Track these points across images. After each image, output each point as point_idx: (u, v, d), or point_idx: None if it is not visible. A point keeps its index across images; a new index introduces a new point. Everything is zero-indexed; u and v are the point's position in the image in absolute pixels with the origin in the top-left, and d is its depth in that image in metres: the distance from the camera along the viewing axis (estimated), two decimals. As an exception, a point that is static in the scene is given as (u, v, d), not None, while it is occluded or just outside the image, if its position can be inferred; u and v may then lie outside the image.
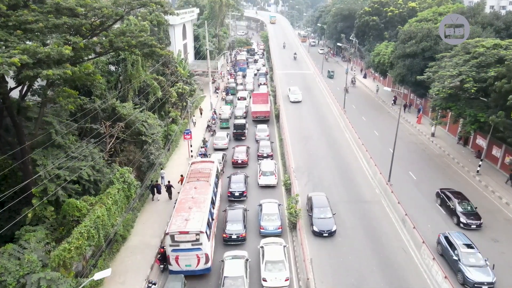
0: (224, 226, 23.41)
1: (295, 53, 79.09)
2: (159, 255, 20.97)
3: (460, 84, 29.33)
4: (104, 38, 21.54)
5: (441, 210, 26.41)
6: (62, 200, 19.97)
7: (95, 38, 18.62)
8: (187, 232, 19.36)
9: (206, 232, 19.75)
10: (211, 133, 42.11)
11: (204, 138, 39.26)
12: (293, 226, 23.91)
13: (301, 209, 23.83)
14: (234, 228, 23.11)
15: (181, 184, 28.91)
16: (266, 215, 23.95)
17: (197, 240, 19.45)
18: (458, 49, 33.17)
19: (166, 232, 19.60)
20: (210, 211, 21.99)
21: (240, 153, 34.30)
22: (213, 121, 44.70)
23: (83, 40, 17.32)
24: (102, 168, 22.91)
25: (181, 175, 29.19)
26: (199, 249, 19.53)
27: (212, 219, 22.49)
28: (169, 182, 28.61)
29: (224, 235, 22.99)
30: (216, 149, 36.94)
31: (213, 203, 23.42)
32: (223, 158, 33.39)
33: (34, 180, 19.09)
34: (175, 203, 22.96)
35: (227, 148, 37.50)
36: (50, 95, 19.65)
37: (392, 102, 52.47)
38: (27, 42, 15.78)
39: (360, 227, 24.03)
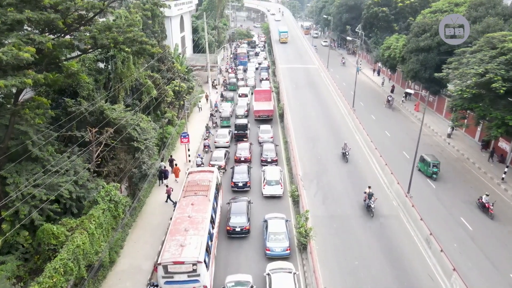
0: (227, 218, 23.12)
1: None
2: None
3: (482, 83, 26.46)
4: (86, 34, 18.67)
5: (467, 226, 23.70)
6: (39, 223, 17.26)
7: (67, 37, 15.63)
8: (182, 262, 16.68)
9: (204, 261, 17.05)
10: (213, 125, 41.43)
11: (207, 124, 39.68)
12: (303, 248, 21.21)
13: (312, 228, 21.06)
14: (238, 220, 22.78)
15: (175, 175, 29.40)
16: (272, 234, 21.25)
17: (194, 271, 16.78)
18: (482, 44, 30.11)
19: (158, 262, 16.90)
20: (209, 232, 19.28)
21: (243, 150, 32.79)
22: (215, 109, 44.38)
23: (54, 38, 14.33)
24: (87, 183, 20.10)
25: (176, 164, 30.32)
26: (197, 281, 16.86)
27: (212, 241, 19.79)
28: (171, 156, 31.27)
29: (228, 228, 22.68)
30: (218, 147, 35.13)
31: (212, 222, 20.69)
32: (225, 155, 31.93)
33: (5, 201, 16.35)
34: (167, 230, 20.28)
35: (229, 146, 35.66)
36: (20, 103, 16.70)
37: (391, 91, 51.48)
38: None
39: (378, 248, 21.32)
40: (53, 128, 21.42)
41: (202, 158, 31.46)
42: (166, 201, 26.55)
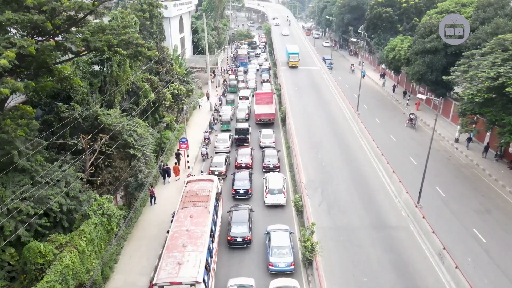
0: (228, 228, 22.10)
1: None
2: None
3: (495, 87, 25.31)
4: (78, 36, 17.49)
5: (482, 239, 22.48)
6: (27, 239, 16.08)
7: (57, 39, 14.44)
8: (179, 283, 15.49)
9: (204, 281, 15.86)
10: (215, 121, 41.96)
11: (210, 120, 41.04)
12: (309, 263, 20.00)
13: (319, 242, 19.85)
14: (239, 230, 21.76)
15: (176, 174, 29.35)
16: (275, 248, 20.01)
17: (193, 291, 15.61)
18: (492, 46, 28.92)
19: (154, 282, 15.71)
20: (209, 247, 18.09)
21: (243, 155, 31.47)
22: (220, 103, 45.66)
23: (39, 41, 13.14)
24: (79, 194, 18.88)
25: (176, 163, 30.60)
26: (195, 302, 15.69)
27: (211, 257, 18.59)
28: (178, 150, 31.45)
29: (229, 238, 21.69)
30: (218, 152, 33.77)
31: (212, 235, 19.49)
32: (226, 161, 30.73)
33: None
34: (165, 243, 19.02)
35: (230, 151, 34.36)
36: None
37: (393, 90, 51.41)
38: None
39: (388, 263, 20.11)
40: (45, 135, 20.25)
41: (207, 148, 33.28)
42: (151, 204, 26.06)
